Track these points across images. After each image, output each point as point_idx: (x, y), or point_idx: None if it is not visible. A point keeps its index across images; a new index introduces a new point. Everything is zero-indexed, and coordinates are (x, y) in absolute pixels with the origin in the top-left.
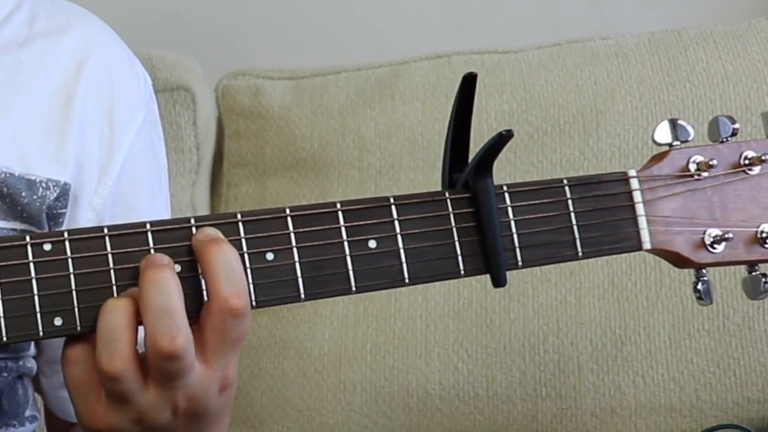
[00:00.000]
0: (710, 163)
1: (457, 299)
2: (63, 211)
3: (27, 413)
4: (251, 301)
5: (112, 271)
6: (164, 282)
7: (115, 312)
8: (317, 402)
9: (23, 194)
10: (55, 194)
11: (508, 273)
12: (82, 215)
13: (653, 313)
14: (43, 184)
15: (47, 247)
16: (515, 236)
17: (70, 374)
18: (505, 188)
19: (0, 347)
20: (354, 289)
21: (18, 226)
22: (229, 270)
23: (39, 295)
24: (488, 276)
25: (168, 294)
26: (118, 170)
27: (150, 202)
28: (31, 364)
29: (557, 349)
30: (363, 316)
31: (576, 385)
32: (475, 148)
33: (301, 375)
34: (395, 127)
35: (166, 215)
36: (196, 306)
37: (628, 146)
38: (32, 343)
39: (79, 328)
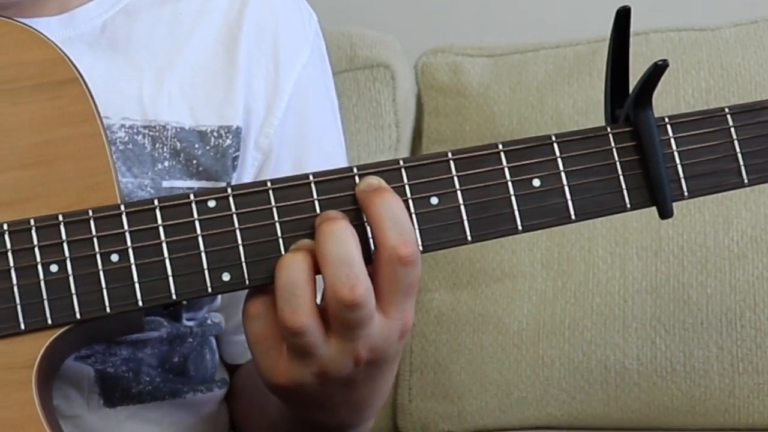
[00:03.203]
0: None
1: (655, 275)
2: (237, 154)
3: (216, 377)
4: (419, 246)
5: (277, 224)
6: (340, 231)
7: (293, 266)
8: (515, 377)
9: (196, 146)
10: (228, 141)
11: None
12: (249, 154)
13: None
14: (215, 134)
15: (211, 203)
16: (679, 167)
17: (251, 329)
18: (666, 120)
19: (185, 309)
20: (520, 228)
21: (195, 184)
22: (394, 219)
23: (206, 252)
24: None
25: (345, 243)
26: (284, 108)
27: (321, 137)
28: (218, 319)
29: (754, 324)
30: (561, 291)
31: None
32: None
33: (500, 350)
34: (593, 104)
35: (340, 153)
36: (366, 254)
37: None
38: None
39: (247, 281)
